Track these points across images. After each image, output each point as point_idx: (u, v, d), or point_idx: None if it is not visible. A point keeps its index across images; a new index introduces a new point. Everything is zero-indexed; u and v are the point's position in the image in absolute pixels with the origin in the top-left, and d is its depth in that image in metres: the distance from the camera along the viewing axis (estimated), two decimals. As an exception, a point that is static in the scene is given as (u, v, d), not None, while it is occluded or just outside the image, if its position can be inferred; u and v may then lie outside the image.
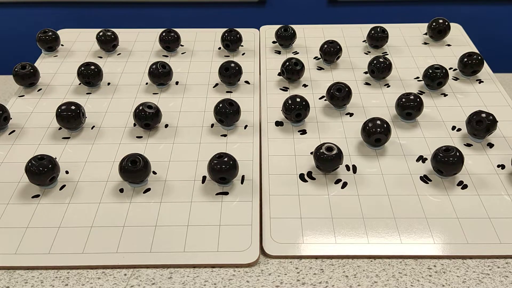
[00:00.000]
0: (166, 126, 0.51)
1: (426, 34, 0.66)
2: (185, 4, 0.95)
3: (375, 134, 0.46)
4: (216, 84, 0.57)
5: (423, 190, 0.43)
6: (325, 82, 0.56)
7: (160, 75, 0.55)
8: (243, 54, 0.63)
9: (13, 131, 0.51)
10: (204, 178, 0.45)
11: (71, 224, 0.40)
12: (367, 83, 0.57)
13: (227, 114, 0.49)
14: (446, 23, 0.64)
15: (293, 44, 0.64)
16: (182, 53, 0.64)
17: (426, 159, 0.46)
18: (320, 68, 0.60)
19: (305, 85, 0.57)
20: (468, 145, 0.48)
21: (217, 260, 0.38)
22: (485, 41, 0.76)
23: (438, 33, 0.64)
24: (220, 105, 0.49)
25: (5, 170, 0.46)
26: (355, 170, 0.46)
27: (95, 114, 0.53)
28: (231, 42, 0.62)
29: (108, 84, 0.58)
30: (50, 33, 0.63)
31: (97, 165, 0.46)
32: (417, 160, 0.47)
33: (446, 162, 0.43)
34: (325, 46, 0.60)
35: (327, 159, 0.44)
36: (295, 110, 0.49)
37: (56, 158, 0.45)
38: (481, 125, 0.47)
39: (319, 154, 0.44)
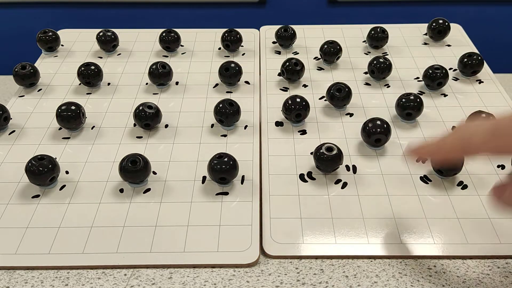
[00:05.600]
0: (166, 126, 0.51)
1: (426, 34, 0.66)
2: (185, 4, 0.95)
3: (375, 134, 0.46)
4: (216, 84, 0.57)
5: (423, 190, 0.43)
6: (325, 82, 0.56)
7: (160, 75, 0.55)
8: (243, 54, 0.63)
9: (13, 131, 0.51)
10: (204, 178, 0.45)
11: (71, 224, 0.40)
12: (367, 83, 0.57)
13: (227, 114, 0.49)
14: (446, 24, 0.64)
15: (293, 45, 0.65)
16: (182, 53, 0.64)
17: (426, 159, 0.46)
18: (320, 68, 0.60)
19: (305, 85, 0.57)
20: (468, 145, 0.48)
21: (217, 260, 0.38)
22: (485, 42, 0.76)
23: (438, 34, 0.64)
24: (220, 105, 0.49)
25: (5, 170, 0.46)
26: (355, 170, 0.46)
27: (95, 114, 0.53)
28: (231, 42, 0.62)
29: (108, 84, 0.58)
30: (50, 33, 0.63)
31: (97, 165, 0.46)
32: (417, 160, 0.46)
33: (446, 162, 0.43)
34: (325, 46, 0.60)
35: (327, 159, 0.44)
36: (295, 110, 0.49)
37: (56, 158, 0.45)
38: (481, 125, 0.47)
39: (319, 154, 0.44)
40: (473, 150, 0.33)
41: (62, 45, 0.65)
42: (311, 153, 0.47)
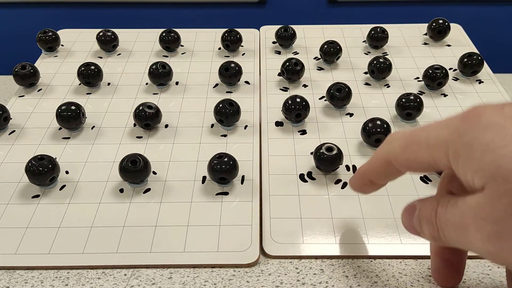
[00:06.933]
0: (166, 126, 0.51)
1: (426, 34, 0.66)
2: (185, 4, 0.95)
3: (375, 134, 0.46)
4: (216, 84, 0.57)
5: (423, 190, 0.43)
6: (325, 82, 0.56)
7: (160, 75, 0.55)
8: (243, 54, 0.63)
9: (13, 131, 0.51)
10: (204, 178, 0.45)
11: (71, 224, 0.40)
12: (367, 83, 0.57)
13: (227, 114, 0.49)
14: (446, 24, 0.64)
15: (293, 45, 0.65)
16: (182, 53, 0.64)
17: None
18: (320, 69, 0.60)
19: (305, 85, 0.57)
20: (468, 145, 0.48)
21: (217, 260, 0.38)
22: (485, 42, 0.76)
23: (438, 34, 0.64)
24: (220, 105, 0.49)
25: (5, 170, 0.46)
26: (355, 170, 0.45)
27: (95, 114, 0.53)
28: (231, 43, 0.62)
29: (108, 84, 0.58)
30: (50, 33, 0.63)
31: (97, 165, 0.46)
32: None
33: (446, 162, 0.43)
34: (325, 46, 0.60)
35: (327, 159, 0.44)
36: (295, 110, 0.49)
37: (56, 158, 0.45)
38: (481, 125, 0.47)
39: (319, 154, 0.44)
40: (393, 162, 0.29)
41: (62, 45, 0.65)
42: (311, 153, 0.47)
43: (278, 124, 0.51)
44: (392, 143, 0.30)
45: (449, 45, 0.65)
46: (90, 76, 0.56)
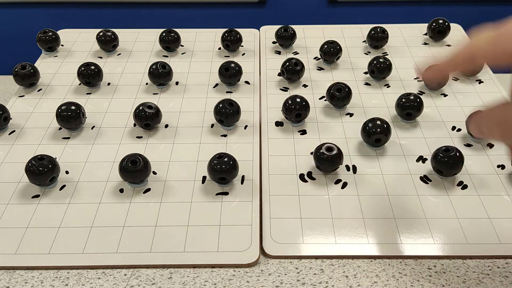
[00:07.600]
0: (166, 126, 0.51)
1: (426, 34, 0.66)
2: (185, 4, 0.95)
3: (375, 134, 0.46)
4: (216, 84, 0.57)
5: (423, 190, 0.43)
6: (325, 82, 0.56)
7: (160, 75, 0.55)
8: (243, 54, 0.63)
9: (13, 131, 0.51)
10: (204, 178, 0.45)
11: (71, 224, 0.40)
12: (367, 83, 0.57)
13: (227, 114, 0.49)
14: (446, 24, 0.64)
15: (293, 45, 0.64)
16: (182, 53, 0.64)
17: (426, 159, 0.46)
18: (320, 68, 0.60)
19: (305, 85, 0.57)
20: (468, 145, 0.48)
21: (217, 260, 0.38)
22: (485, 41, 0.76)
23: (438, 34, 0.64)
24: (220, 105, 0.49)
25: (5, 170, 0.46)
26: (355, 170, 0.46)
27: (95, 114, 0.53)
28: (231, 43, 0.62)
29: (108, 84, 0.58)
30: (50, 33, 0.63)
31: (97, 165, 0.46)
32: (417, 160, 0.47)
33: (446, 162, 0.43)
34: (325, 46, 0.60)
35: (327, 159, 0.44)
36: (295, 110, 0.49)
37: (56, 158, 0.45)
38: (481, 125, 0.47)
39: (319, 154, 0.44)
40: (479, 56, 0.31)
41: (62, 45, 0.65)
42: (311, 153, 0.47)
43: (278, 124, 0.51)
44: (479, 39, 0.30)
45: (449, 45, 0.65)
46: (90, 76, 0.56)
